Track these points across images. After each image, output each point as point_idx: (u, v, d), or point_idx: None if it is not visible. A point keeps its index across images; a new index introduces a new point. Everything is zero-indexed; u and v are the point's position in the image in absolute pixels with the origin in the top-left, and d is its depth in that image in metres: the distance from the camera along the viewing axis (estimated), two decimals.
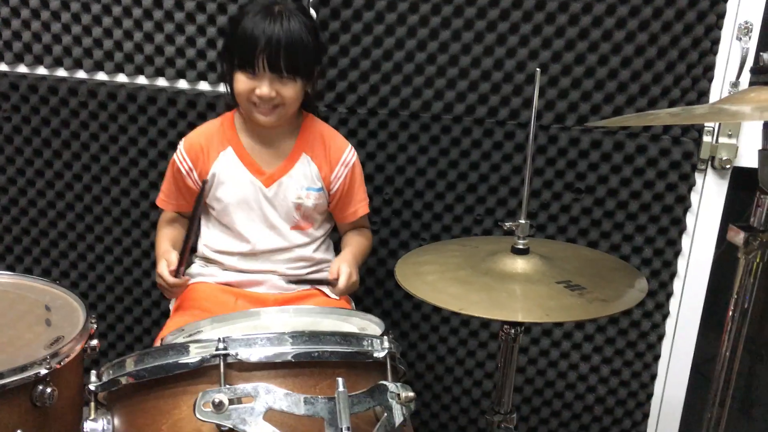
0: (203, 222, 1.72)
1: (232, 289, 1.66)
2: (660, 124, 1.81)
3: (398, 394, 1.12)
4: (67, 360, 1.29)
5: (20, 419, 1.20)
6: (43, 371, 1.22)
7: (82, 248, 2.10)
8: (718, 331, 1.29)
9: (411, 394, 1.13)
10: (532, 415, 2.06)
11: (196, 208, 1.50)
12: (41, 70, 2.00)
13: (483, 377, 2.04)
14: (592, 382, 2.01)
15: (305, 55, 1.55)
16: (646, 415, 2.03)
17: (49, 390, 1.23)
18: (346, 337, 1.13)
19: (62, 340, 1.31)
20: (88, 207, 2.06)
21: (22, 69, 2.01)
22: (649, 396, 2.01)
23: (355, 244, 1.72)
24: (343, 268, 1.58)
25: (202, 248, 1.71)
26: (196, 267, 1.71)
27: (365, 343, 1.15)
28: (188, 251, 1.53)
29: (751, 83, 1.20)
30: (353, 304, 1.77)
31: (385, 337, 1.18)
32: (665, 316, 1.95)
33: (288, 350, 1.07)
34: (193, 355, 1.06)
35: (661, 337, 1.96)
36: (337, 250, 1.75)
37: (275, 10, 1.53)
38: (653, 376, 1.99)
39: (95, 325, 1.41)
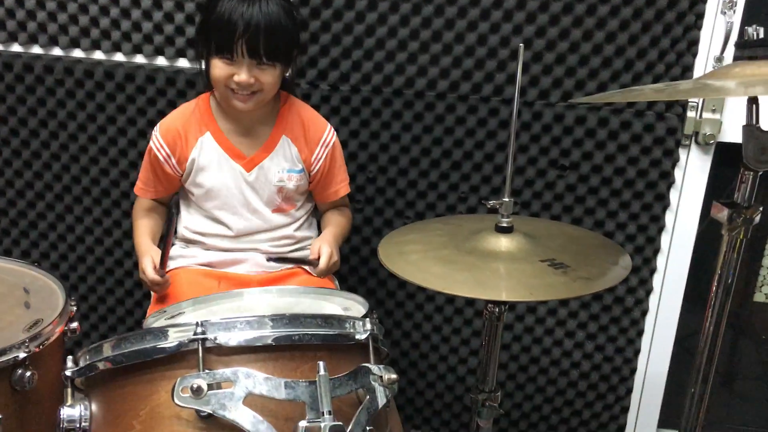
0: (183, 206, 1.69)
1: (215, 272, 1.64)
2: (644, 100, 1.79)
3: (381, 377, 1.11)
4: (46, 343, 1.28)
5: None
6: (22, 355, 1.21)
7: (61, 229, 2.07)
8: (702, 306, 1.29)
9: (394, 376, 1.12)
10: (516, 392, 2.07)
11: (167, 230, 1.46)
12: (15, 47, 1.95)
13: (468, 355, 2.05)
14: (577, 358, 2.02)
15: (285, 39, 1.52)
16: (629, 390, 2.04)
17: (28, 374, 1.22)
18: (327, 320, 1.12)
19: (41, 323, 1.29)
20: (67, 187, 2.03)
21: None
22: (633, 371, 2.02)
23: (336, 224, 1.71)
24: (324, 248, 1.58)
25: (182, 230, 1.68)
26: (177, 249, 1.68)
27: (347, 325, 1.14)
28: (168, 256, 1.52)
29: (736, 58, 1.19)
30: (337, 282, 1.76)
31: (367, 319, 1.17)
32: (649, 291, 1.95)
33: (268, 333, 1.06)
34: (171, 340, 1.05)
35: (644, 313, 1.97)
36: (319, 228, 1.74)
37: None
38: (637, 352, 2.01)
39: (75, 308, 1.40)
